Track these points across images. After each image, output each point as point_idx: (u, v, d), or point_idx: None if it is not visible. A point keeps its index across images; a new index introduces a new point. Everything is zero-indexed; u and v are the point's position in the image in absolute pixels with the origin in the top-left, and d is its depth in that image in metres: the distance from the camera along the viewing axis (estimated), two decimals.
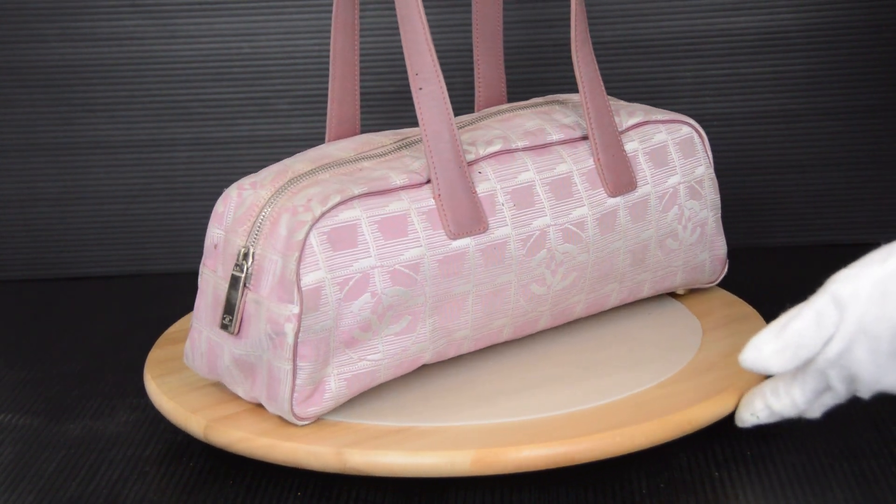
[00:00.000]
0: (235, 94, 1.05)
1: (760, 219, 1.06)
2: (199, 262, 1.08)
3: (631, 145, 0.82)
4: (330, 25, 1.04)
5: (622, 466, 0.72)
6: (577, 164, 0.80)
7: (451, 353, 0.77)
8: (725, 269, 0.89)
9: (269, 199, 0.72)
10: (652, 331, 0.84)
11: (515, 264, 0.77)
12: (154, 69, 1.05)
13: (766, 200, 1.06)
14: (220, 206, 0.75)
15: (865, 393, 0.68)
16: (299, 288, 0.70)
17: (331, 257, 0.71)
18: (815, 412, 0.71)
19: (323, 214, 0.71)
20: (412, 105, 1.05)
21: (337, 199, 0.71)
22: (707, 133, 1.05)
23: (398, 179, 0.74)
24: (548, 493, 0.70)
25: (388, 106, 1.05)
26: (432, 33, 1.04)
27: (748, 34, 1.04)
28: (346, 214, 0.72)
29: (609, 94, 1.04)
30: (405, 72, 1.05)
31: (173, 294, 1.02)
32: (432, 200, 0.74)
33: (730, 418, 0.74)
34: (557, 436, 0.70)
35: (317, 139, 1.06)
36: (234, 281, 0.72)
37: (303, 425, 0.72)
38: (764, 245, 1.07)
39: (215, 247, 0.74)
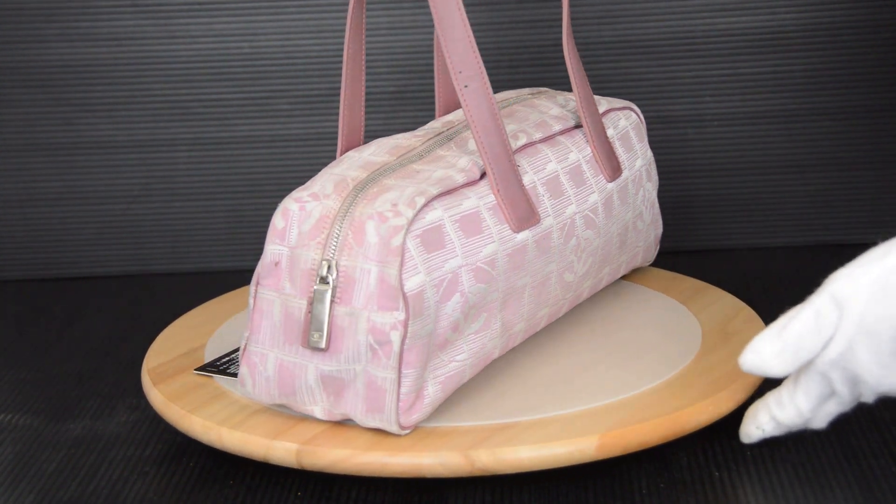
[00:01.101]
0: (235, 94, 1.05)
1: (760, 219, 1.06)
2: (198, 262, 1.09)
3: (609, 132, 0.85)
4: (329, 25, 1.04)
5: (622, 466, 0.72)
6: (580, 152, 0.82)
7: (509, 347, 0.77)
8: (657, 248, 0.94)
9: (341, 208, 0.70)
10: (642, 315, 0.86)
11: (556, 253, 0.77)
12: (154, 69, 1.05)
13: (766, 200, 1.06)
14: (279, 222, 0.71)
15: (869, 396, 0.68)
16: (404, 294, 0.68)
17: (426, 260, 0.69)
18: (821, 421, 0.70)
19: (415, 217, 0.70)
20: (411, 105, 1.05)
21: (422, 200, 0.70)
22: (707, 133, 1.06)
23: (459, 177, 0.73)
24: (548, 493, 0.70)
25: (388, 106, 1.05)
26: (430, 34, 1.04)
27: (748, 34, 1.04)
28: (432, 216, 0.70)
29: (610, 94, 1.04)
30: (405, 72, 1.05)
31: (173, 294, 1.02)
32: (492, 196, 0.74)
33: (730, 417, 0.74)
34: (657, 413, 0.71)
35: (316, 139, 1.06)
36: (320, 295, 0.69)
37: (405, 434, 0.70)
38: (764, 245, 1.07)
39: (276, 264, 0.71)
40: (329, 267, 0.69)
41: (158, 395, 0.76)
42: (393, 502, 0.69)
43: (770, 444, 0.73)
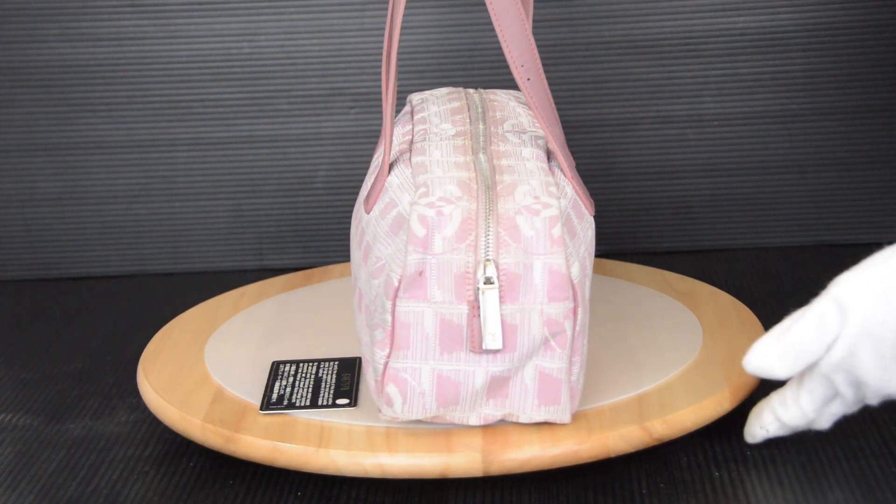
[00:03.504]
0: (235, 94, 1.05)
1: (760, 219, 1.06)
2: (198, 262, 1.08)
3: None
4: (329, 25, 1.04)
5: (622, 466, 0.72)
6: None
7: None
8: None
9: (479, 208, 0.69)
10: (633, 302, 0.88)
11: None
12: (154, 69, 1.05)
13: (766, 200, 1.06)
14: (418, 230, 0.68)
15: (874, 399, 0.67)
16: (572, 283, 0.68)
17: (575, 248, 0.70)
18: (824, 422, 0.70)
19: (560, 207, 0.69)
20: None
21: (554, 190, 0.70)
22: (707, 133, 1.06)
23: (545, 166, 0.72)
24: (548, 493, 0.70)
25: None
26: (430, 35, 1.04)
27: (748, 34, 1.04)
28: (561, 204, 0.70)
29: (610, 94, 1.04)
30: (404, 72, 1.05)
31: (173, 294, 1.02)
32: (570, 183, 0.74)
33: (730, 417, 0.74)
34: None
35: (316, 139, 1.06)
36: (487, 297, 0.68)
37: (569, 423, 0.70)
38: (764, 245, 1.07)
39: (420, 274, 0.68)
40: (489, 267, 0.68)
41: (262, 442, 0.71)
42: (393, 502, 0.69)
43: (770, 445, 0.73)
